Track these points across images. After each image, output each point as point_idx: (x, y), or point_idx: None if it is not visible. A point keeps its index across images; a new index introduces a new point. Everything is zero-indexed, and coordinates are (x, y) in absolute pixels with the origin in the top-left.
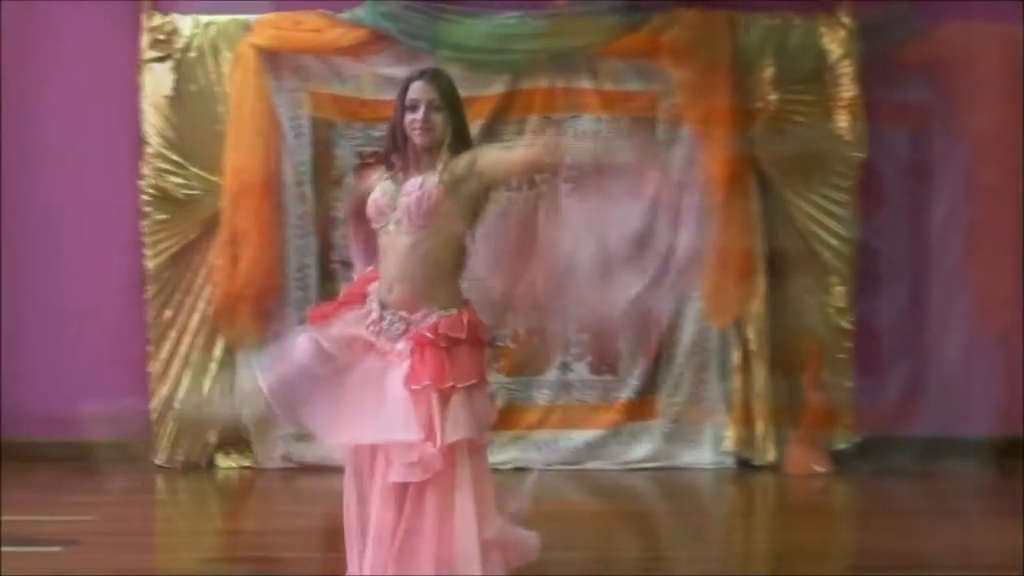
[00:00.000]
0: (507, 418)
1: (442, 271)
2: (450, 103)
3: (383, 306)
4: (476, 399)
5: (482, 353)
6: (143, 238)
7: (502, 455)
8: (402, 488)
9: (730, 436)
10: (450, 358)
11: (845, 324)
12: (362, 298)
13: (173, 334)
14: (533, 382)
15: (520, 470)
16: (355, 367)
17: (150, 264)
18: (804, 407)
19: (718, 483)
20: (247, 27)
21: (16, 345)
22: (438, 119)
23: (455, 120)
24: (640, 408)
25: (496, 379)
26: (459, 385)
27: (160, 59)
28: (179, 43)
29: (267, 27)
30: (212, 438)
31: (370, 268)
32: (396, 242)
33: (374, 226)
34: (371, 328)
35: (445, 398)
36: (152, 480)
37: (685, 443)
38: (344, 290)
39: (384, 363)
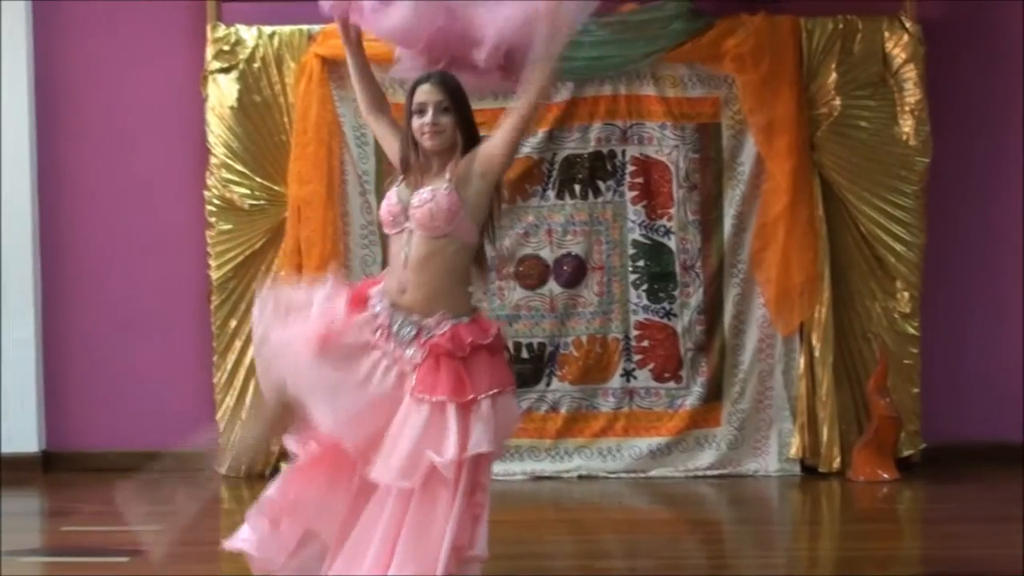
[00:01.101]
0: (571, 426)
1: (456, 278)
2: (458, 104)
3: (394, 308)
4: (501, 408)
5: (503, 358)
6: (208, 248)
7: (567, 463)
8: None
9: (795, 443)
10: (468, 368)
11: (911, 330)
12: (365, 301)
13: (238, 344)
14: (597, 390)
15: (584, 478)
16: (363, 364)
17: (215, 274)
18: (870, 413)
19: (783, 490)
20: (311, 37)
21: (84, 355)
22: (446, 121)
23: (464, 121)
24: (705, 415)
25: (560, 387)
26: (481, 396)
27: (224, 70)
28: (243, 54)
29: (331, 37)
30: (275, 447)
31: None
32: (410, 249)
33: (387, 231)
34: (379, 332)
35: (466, 409)
36: (217, 489)
37: (750, 450)
38: (349, 291)
39: (397, 369)
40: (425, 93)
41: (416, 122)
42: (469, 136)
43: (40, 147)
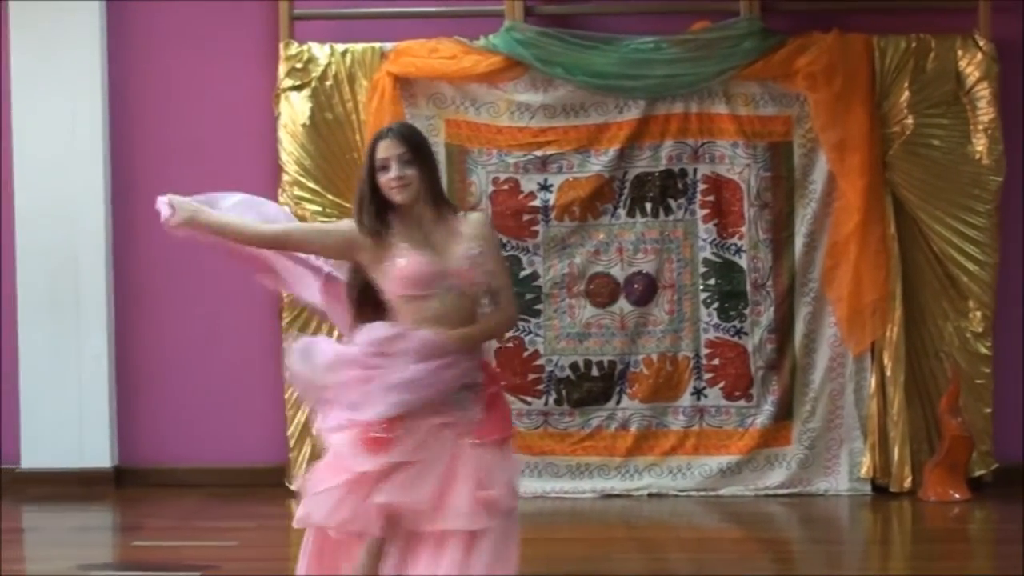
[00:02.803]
0: (642, 444)
1: (472, 321)
2: (420, 154)
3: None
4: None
5: None
6: None
7: (637, 481)
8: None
9: (866, 462)
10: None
11: (983, 349)
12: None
13: None
14: (668, 408)
15: (654, 496)
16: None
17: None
18: (941, 433)
19: (854, 509)
20: (383, 55)
21: (156, 371)
22: (412, 173)
23: (427, 169)
24: (775, 434)
25: (630, 405)
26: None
27: (297, 87)
28: (316, 71)
29: (403, 55)
30: None
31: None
32: (438, 306)
33: (413, 292)
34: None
35: (504, 444)
36: (288, 505)
37: (820, 469)
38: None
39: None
40: (385, 148)
41: (382, 179)
42: (433, 180)
43: (114, 165)
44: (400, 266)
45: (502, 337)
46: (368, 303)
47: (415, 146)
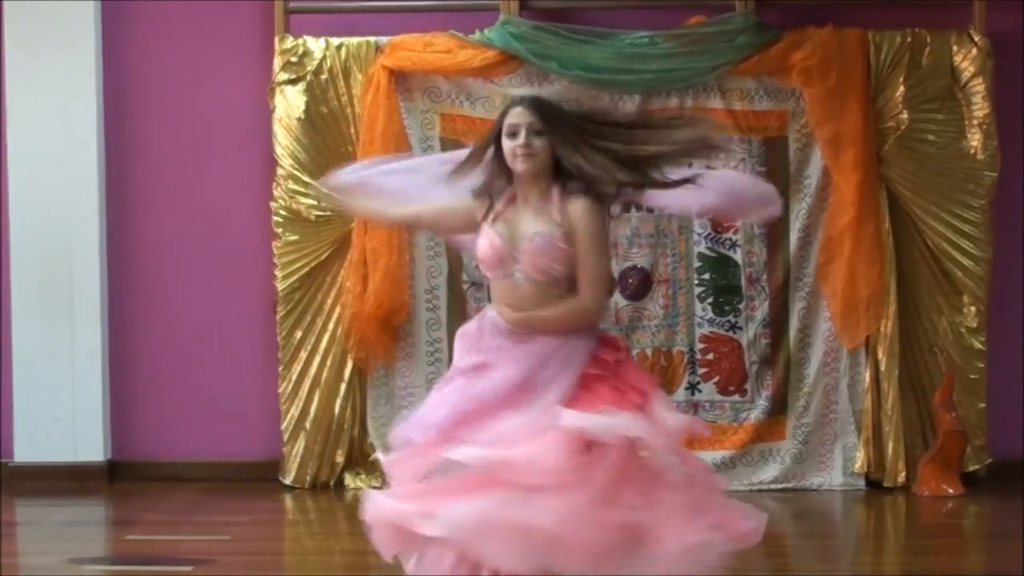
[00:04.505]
0: None
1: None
2: (552, 128)
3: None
4: None
5: None
6: (274, 259)
7: None
8: None
9: (860, 457)
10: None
11: (977, 344)
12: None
13: (303, 355)
14: None
15: None
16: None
17: (280, 285)
18: (935, 428)
19: (848, 504)
20: (378, 49)
21: (150, 365)
22: (539, 144)
23: (560, 145)
24: (769, 429)
25: None
26: None
27: (292, 81)
28: (311, 65)
29: (398, 48)
30: (340, 458)
31: None
32: (518, 289)
33: (488, 272)
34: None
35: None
36: (282, 500)
37: (814, 464)
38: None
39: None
40: (517, 115)
41: (508, 144)
42: (556, 159)
43: (108, 158)
44: (477, 242)
45: (574, 328)
46: None
47: (547, 119)
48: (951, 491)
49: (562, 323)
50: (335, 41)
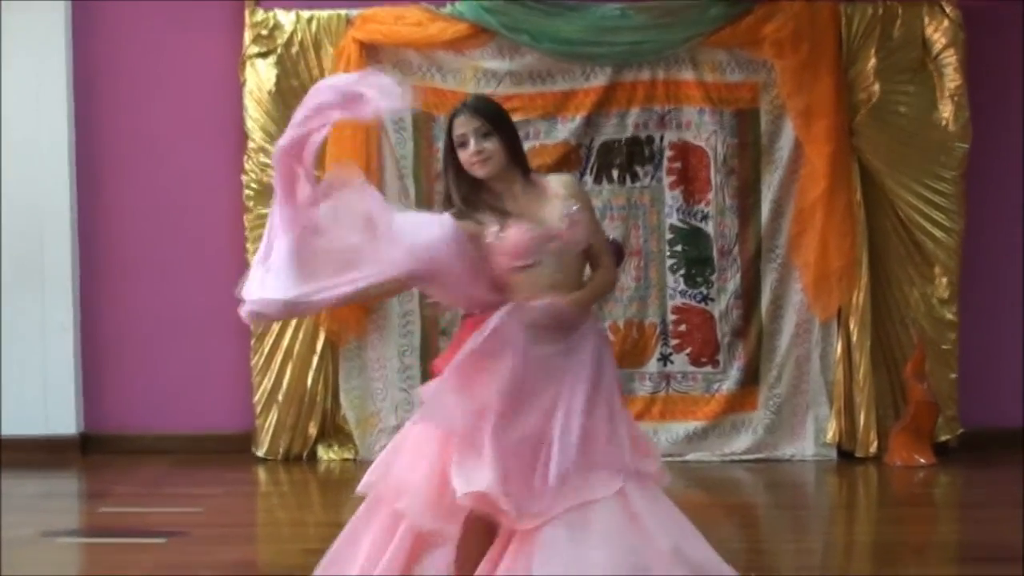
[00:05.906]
0: None
1: (581, 285)
2: (498, 125)
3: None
4: None
5: None
6: (245, 232)
7: None
8: None
9: (832, 427)
10: None
11: (949, 315)
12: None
13: (275, 327)
14: (635, 374)
15: None
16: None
17: (252, 258)
18: (907, 398)
19: (820, 474)
20: (349, 21)
21: (121, 338)
22: (492, 146)
23: (508, 140)
24: (741, 399)
25: None
26: None
27: (262, 54)
28: (281, 38)
29: (369, 21)
30: (313, 430)
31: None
32: (549, 272)
33: (516, 264)
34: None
35: None
36: (255, 472)
37: (786, 435)
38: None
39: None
40: (462, 124)
41: (462, 155)
42: (515, 149)
43: (78, 133)
44: (504, 238)
45: (606, 298)
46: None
47: (491, 117)
48: (922, 461)
49: (604, 292)
50: (305, 13)
